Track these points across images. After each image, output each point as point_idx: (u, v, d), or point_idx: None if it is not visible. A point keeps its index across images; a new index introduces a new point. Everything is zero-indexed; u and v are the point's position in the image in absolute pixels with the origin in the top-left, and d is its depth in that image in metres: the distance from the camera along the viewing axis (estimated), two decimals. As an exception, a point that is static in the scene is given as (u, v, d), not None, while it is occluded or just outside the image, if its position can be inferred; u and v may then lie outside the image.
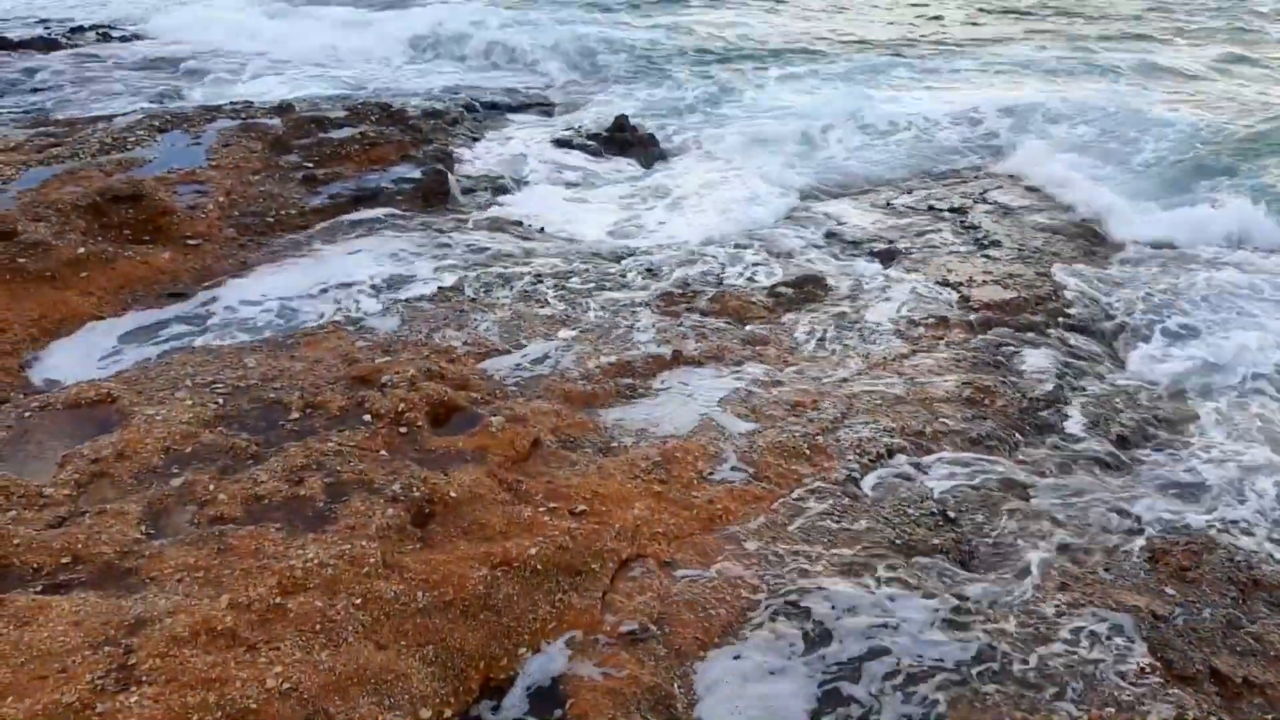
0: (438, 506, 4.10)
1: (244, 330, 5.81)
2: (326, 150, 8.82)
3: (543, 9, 17.17)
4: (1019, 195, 9.24)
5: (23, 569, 3.61)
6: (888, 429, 5.02)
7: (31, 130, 9.35)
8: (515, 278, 6.75)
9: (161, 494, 4.05)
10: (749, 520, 4.30)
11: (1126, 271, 7.43)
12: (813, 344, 6.00)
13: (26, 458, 4.36)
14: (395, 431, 4.62)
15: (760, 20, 17.31)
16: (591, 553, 3.96)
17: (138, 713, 2.93)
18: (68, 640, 3.21)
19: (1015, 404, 5.40)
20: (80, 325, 5.82)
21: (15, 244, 6.12)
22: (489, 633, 3.58)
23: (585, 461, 4.60)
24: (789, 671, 3.56)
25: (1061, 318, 6.57)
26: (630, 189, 9.20)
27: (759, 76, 13.28)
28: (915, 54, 14.81)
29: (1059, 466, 4.93)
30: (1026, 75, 13.52)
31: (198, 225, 7.03)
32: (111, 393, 4.81)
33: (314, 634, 3.33)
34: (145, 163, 7.95)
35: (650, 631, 3.63)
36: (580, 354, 5.64)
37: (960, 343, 6.09)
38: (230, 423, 4.63)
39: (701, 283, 6.90)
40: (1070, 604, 3.91)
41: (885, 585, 3.95)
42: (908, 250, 7.74)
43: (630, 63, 13.92)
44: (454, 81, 12.95)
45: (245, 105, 10.14)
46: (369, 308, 6.15)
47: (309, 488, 4.11)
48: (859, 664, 3.58)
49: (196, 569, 3.59)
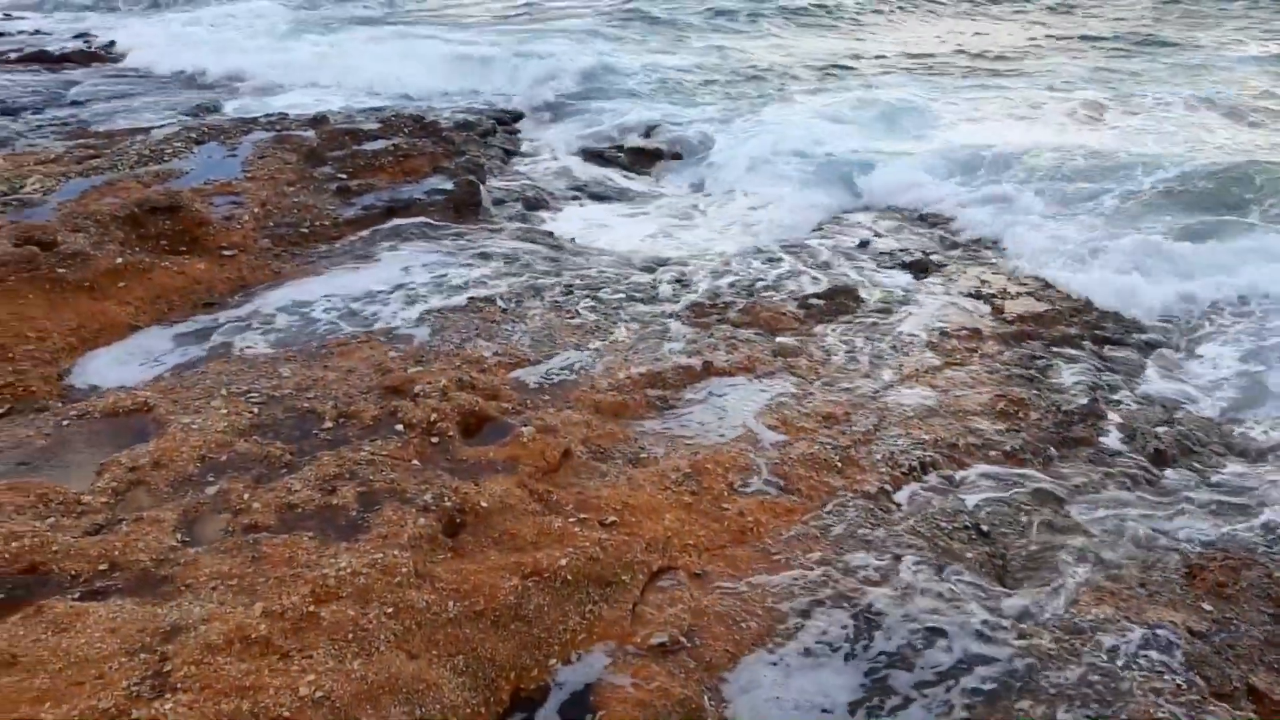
0: (469, 516, 4.11)
1: (278, 340, 5.87)
2: (360, 162, 8.91)
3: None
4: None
5: (61, 575, 3.65)
6: (920, 442, 4.98)
7: (71, 142, 9.52)
8: (546, 288, 6.78)
9: (197, 502, 4.09)
10: (780, 533, 4.28)
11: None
12: (844, 355, 5.98)
13: (65, 465, 4.42)
14: (427, 441, 4.64)
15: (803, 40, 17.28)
16: (622, 564, 3.96)
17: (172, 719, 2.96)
18: (104, 647, 3.24)
19: (1050, 417, 5.35)
20: (118, 334, 5.90)
21: (55, 254, 6.22)
22: (520, 643, 3.59)
23: (615, 472, 4.60)
24: (821, 685, 3.53)
25: (1097, 330, 6.51)
26: (660, 200, 9.22)
27: (793, 93, 13.24)
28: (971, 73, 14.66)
29: (1094, 481, 4.88)
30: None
31: (233, 236, 7.11)
32: (148, 401, 4.87)
33: (346, 643, 3.34)
34: (182, 174, 8.07)
35: (681, 643, 3.62)
36: (610, 364, 5.64)
37: (993, 355, 6.05)
38: (265, 431, 4.68)
39: (732, 294, 6.90)
40: (1106, 619, 3.86)
41: (918, 599, 3.92)
42: (940, 263, 7.70)
43: (660, 80, 13.93)
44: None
45: (280, 117, 10.26)
46: (401, 318, 6.19)
47: (342, 497, 4.14)
48: (892, 678, 3.56)
49: (231, 577, 3.62)
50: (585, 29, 17.48)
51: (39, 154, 8.80)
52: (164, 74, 14.15)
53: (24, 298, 5.86)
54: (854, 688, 3.53)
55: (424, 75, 13.71)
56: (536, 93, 13.06)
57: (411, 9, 20.52)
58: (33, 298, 5.88)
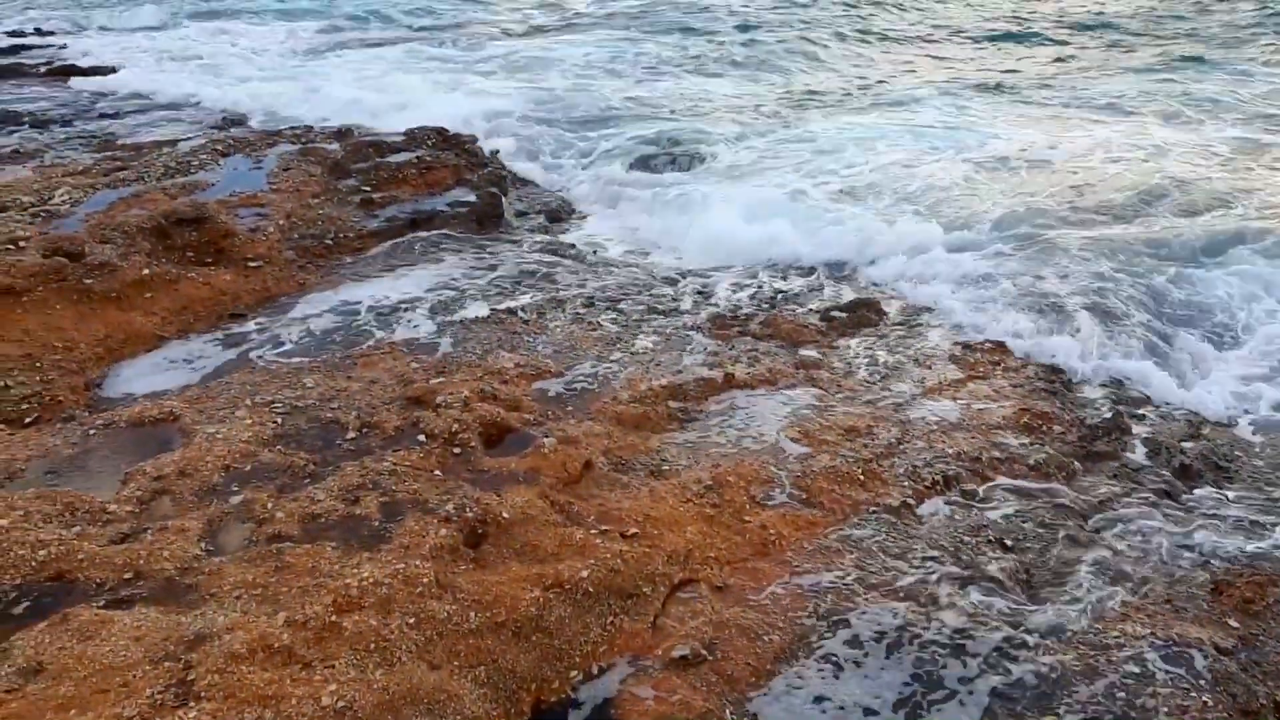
0: (490, 527, 4.12)
1: (302, 350, 5.90)
2: (384, 174, 8.97)
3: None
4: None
5: (86, 584, 3.68)
6: (943, 455, 4.96)
7: (99, 154, 9.62)
8: (567, 300, 6.80)
9: (221, 511, 4.12)
10: (803, 546, 4.27)
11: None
12: (867, 368, 5.96)
13: (91, 474, 4.46)
14: (449, 452, 4.65)
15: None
16: (643, 576, 3.95)
17: (196, 728, 2.98)
18: (129, 655, 3.26)
19: (1074, 431, 5.32)
20: (144, 345, 5.95)
21: (82, 265, 6.28)
22: (541, 655, 3.59)
23: (637, 484, 4.60)
24: (843, 699, 3.51)
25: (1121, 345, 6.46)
26: (680, 212, 9.21)
27: (825, 109, 13.20)
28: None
29: (1119, 495, 4.84)
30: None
31: (258, 247, 7.16)
32: (174, 411, 4.91)
33: (368, 653, 3.35)
34: (208, 186, 8.15)
35: (702, 656, 3.61)
36: (632, 376, 5.65)
37: (1017, 369, 6.02)
38: (289, 441, 4.71)
39: (754, 306, 6.90)
40: (1131, 635, 3.83)
41: (943, 612, 3.90)
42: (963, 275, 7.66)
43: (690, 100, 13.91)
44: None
45: (305, 129, 10.34)
46: (424, 329, 6.22)
47: (365, 507, 4.16)
48: (915, 694, 3.53)
49: (254, 586, 3.64)
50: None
51: (68, 166, 8.91)
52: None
53: (52, 308, 5.92)
54: (877, 703, 3.50)
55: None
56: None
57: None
58: (60, 308, 5.95)
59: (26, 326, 5.73)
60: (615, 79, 14.94)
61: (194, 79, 14.19)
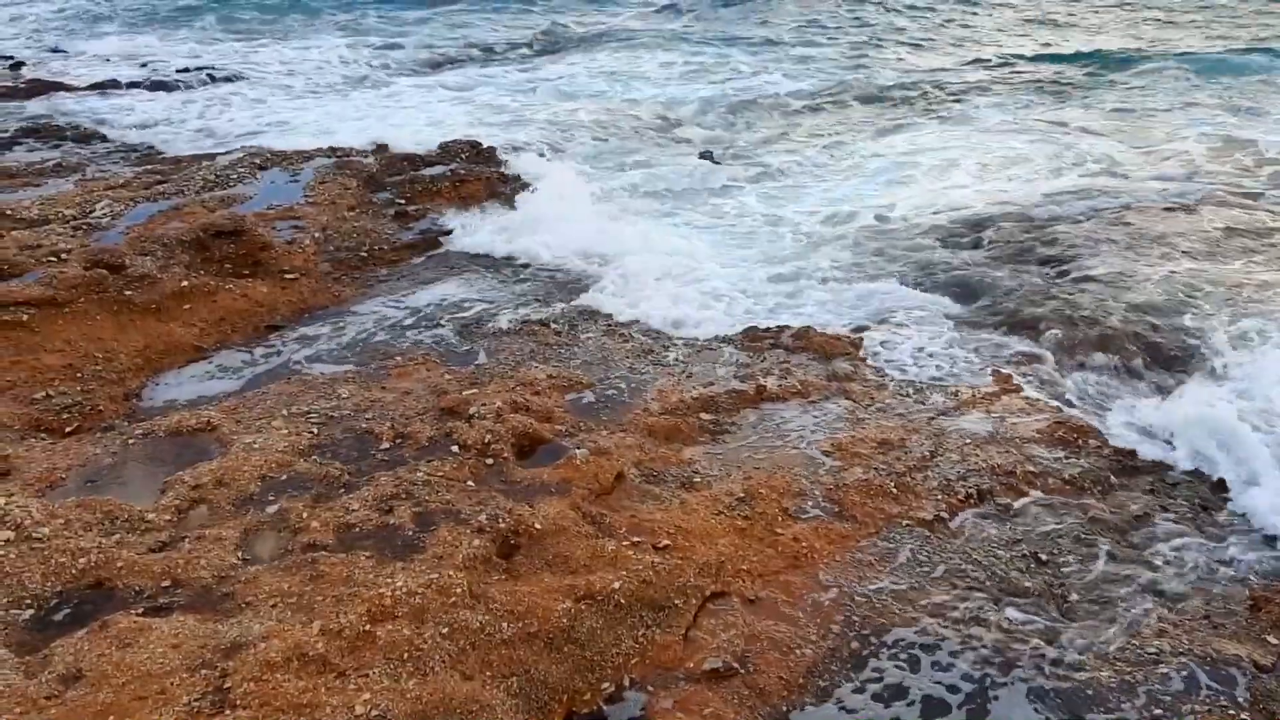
0: (522, 538, 4.13)
1: (337, 361, 5.96)
2: (418, 187, 9.06)
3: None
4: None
5: (125, 591, 3.73)
6: (977, 468, 4.92)
7: (139, 168, 9.77)
8: (600, 312, 6.81)
9: (257, 520, 4.17)
10: (835, 558, 4.26)
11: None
12: (900, 381, 5.93)
13: (130, 483, 4.52)
14: (482, 462, 4.68)
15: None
16: (675, 588, 3.95)
17: (232, 735, 3.01)
18: (166, 662, 3.30)
19: (1109, 444, 5.26)
20: (183, 355, 6.04)
21: (123, 277, 6.38)
22: (573, 666, 3.59)
23: (668, 496, 4.60)
24: (874, 714, 3.50)
25: (1157, 354, 6.39)
26: (713, 222, 9.21)
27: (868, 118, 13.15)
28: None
29: (1155, 510, 4.78)
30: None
31: (295, 260, 7.25)
32: (211, 421, 4.97)
33: (402, 662, 3.38)
34: (246, 199, 8.26)
35: (734, 669, 3.61)
36: (663, 388, 5.65)
37: (1052, 381, 5.96)
38: (324, 451, 4.75)
39: (785, 318, 6.88)
40: (1168, 651, 3.78)
41: (975, 628, 3.87)
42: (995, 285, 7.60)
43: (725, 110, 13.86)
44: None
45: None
46: (457, 341, 6.27)
47: (398, 516, 4.19)
48: (948, 709, 3.51)
49: (290, 595, 3.67)
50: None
51: (109, 179, 9.05)
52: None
53: (93, 319, 6.02)
54: (910, 718, 3.48)
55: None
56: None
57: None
58: (101, 319, 6.05)
59: (68, 337, 5.83)
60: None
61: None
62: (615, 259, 7.64)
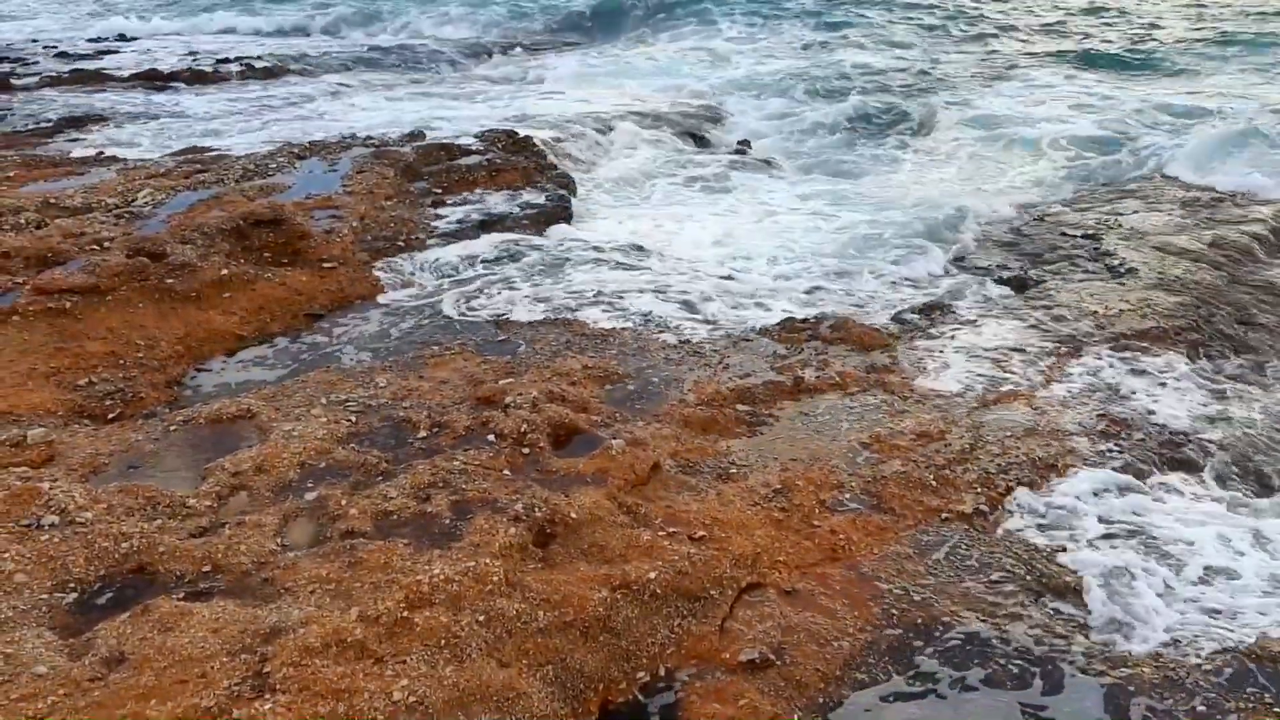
0: (558, 527, 4.13)
1: (375, 350, 5.99)
2: (455, 176, 9.09)
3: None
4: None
5: (167, 576, 3.77)
6: (1017, 461, 4.87)
7: (180, 157, 9.86)
8: (635, 302, 6.80)
9: (297, 507, 4.19)
10: (872, 551, 4.22)
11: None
12: (938, 372, 5.87)
13: (171, 469, 4.57)
14: (518, 452, 4.68)
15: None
16: (711, 579, 3.94)
17: None
18: (207, 646, 3.33)
19: (1153, 438, 5.18)
20: (223, 343, 6.09)
21: (164, 265, 6.45)
22: (608, 655, 3.59)
23: (704, 487, 4.59)
24: (912, 708, 3.47)
25: (1202, 348, 6.29)
26: (752, 212, 9.18)
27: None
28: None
29: (1198, 504, 4.71)
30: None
31: (333, 249, 7.29)
32: (251, 409, 5.01)
33: (439, 649, 3.38)
34: (285, 188, 8.31)
35: (771, 661, 3.59)
36: (700, 379, 5.63)
37: (1095, 373, 5.88)
38: (362, 440, 4.77)
39: (824, 309, 6.84)
40: (1213, 650, 3.72)
41: (1015, 623, 3.83)
42: (1038, 278, 7.52)
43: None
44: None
45: (380, 133, 10.50)
46: (493, 330, 6.28)
47: (435, 505, 4.20)
48: (987, 707, 3.47)
49: (328, 581, 3.69)
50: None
51: (150, 168, 9.14)
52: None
53: (135, 307, 6.09)
54: (948, 713, 3.45)
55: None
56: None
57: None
58: (143, 307, 6.11)
59: (110, 325, 5.90)
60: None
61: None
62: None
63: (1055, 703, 3.47)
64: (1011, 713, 3.44)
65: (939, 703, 3.48)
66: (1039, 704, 3.47)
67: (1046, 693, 3.51)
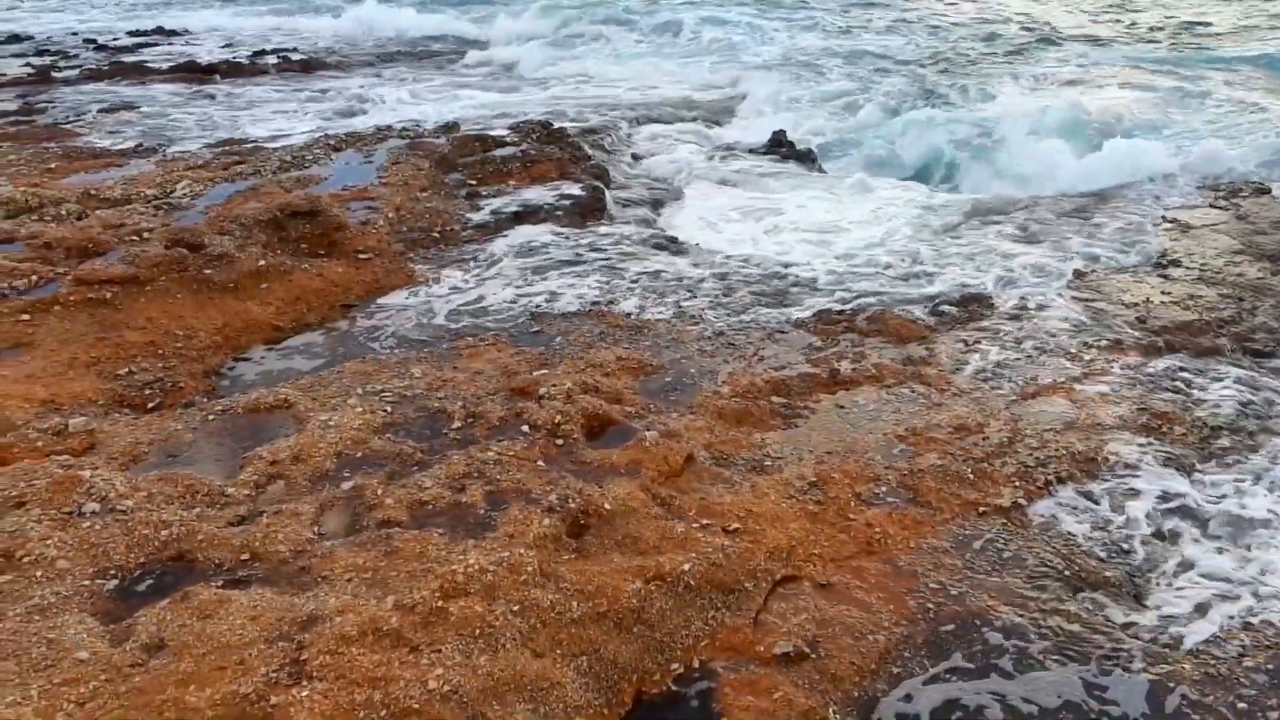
0: (592, 518, 4.13)
1: (410, 341, 6.02)
2: (489, 168, 9.10)
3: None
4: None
5: (205, 564, 3.81)
6: (1057, 455, 4.81)
7: (218, 149, 9.96)
8: (670, 293, 6.79)
9: (333, 496, 4.22)
10: (909, 545, 4.19)
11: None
12: (976, 365, 5.81)
13: (209, 458, 4.61)
14: (552, 443, 4.69)
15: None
16: (745, 571, 3.92)
17: (308, 707, 3.04)
18: (245, 634, 3.36)
19: (1195, 433, 5.10)
20: (260, 334, 6.14)
21: (202, 256, 6.51)
22: (642, 646, 3.58)
23: (738, 479, 4.57)
24: (948, 702, 3.43)
25: (1247, 342, 6.18)
26: (787, 204, 9.14)
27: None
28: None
29: (1241, 501, 4.63)
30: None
31: (369, 240, 7.33)
32: (288, 399, 5.05)
33: (474, 638, 3.39)
34: (321, 180, 8.38)
35: (805, 654, 3.57)
36: (734, 371, 5.61)
37: (1135, 366, 5.80)
38: (397, 430, 4.80)
39: (860, 301, 6.79)
40: (1254, 646, 3.66)
41: (1052, 617, 3.78)
42: (1078, 270, 7.42)
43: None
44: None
45: (414, 124, 10.54)
46: (527, 321, 6.29)
47: (470, 495, 4.21)
48: (1025, 702, 3.43)
49: (364, 570, 3.72)
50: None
51: (188, 160, 9.24)
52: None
53: (173, 297, 6.15)
54: (984, 709, 3.41)
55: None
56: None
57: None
58: (181, 298, 6.18)
59: (150, 315, 5.97)
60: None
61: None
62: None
63: (1095, 698, 3.43)
64: (1050, 707, 3.40)
65: (976, 697, 3.45)
66: (1079, 699, 3.42)
67: (1086, 688, 3.47)
